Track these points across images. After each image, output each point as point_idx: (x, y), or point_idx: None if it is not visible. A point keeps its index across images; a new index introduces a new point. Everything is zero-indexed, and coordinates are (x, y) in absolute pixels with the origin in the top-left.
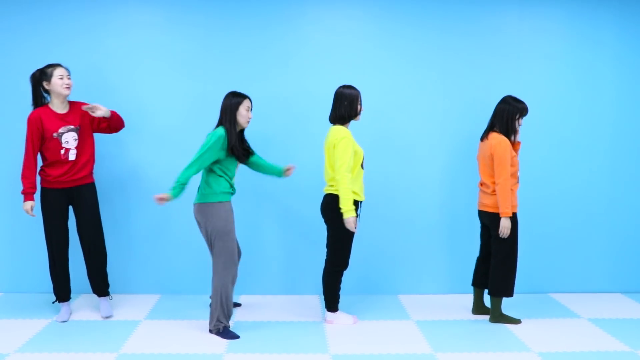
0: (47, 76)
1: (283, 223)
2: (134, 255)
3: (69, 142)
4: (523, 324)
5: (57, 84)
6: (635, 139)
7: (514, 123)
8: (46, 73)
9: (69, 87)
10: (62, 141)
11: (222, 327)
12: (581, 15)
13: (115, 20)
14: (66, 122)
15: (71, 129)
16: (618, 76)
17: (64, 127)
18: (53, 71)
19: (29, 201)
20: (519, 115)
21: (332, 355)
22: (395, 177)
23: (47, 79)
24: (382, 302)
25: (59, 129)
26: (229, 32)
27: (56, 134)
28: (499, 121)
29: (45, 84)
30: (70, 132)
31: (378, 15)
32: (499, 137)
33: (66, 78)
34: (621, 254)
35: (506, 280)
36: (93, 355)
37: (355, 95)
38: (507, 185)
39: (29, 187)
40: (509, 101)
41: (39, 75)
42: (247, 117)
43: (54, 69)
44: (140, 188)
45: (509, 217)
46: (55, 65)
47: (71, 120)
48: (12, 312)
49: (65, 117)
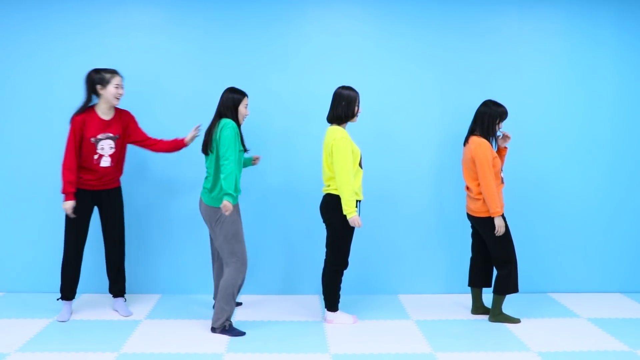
0: (105, 82)
1: (283, 223)
2: (134, 255)
3: (104, 149)
4: (523, 324)
5: (112, 92)
6: (635, 139)
7: (494, 127)
8: (104, 78)
9: (120, 97)
10: (98, 147)
11: (229, 325)
12: (581, 15)
13: (115, 20)
14: (108, 129)
15: (110, 137)
16: (618, 76)
17: (103, 134)
18: (111, 78)
19: (69, 201)
20: (499, 120)
21: (332, 355)
22: (394, 177)
23: (103, 84)
24: (381, 302)
25: (98, 135)
26: (229, 33)
27: (94, 139)
28: (480, 125)
29: (99, 87)
30: (108, 140)
31: (378, 15)
32: (479, 139)
33: (121, 88)
34: (620, 253)
35: (510, 278)
36: (93, 355)
37: (354, 96)
38: (492, 185)
39: (69, 187)
40: (489, 105)
41: (95, 76)
42: (245, 114)
43: (112, 76)
44: (140, 188)
45: (501, 215)
46: (114, 72)
47: (113, 129)
48: (12, 312)
49: (108, 124)
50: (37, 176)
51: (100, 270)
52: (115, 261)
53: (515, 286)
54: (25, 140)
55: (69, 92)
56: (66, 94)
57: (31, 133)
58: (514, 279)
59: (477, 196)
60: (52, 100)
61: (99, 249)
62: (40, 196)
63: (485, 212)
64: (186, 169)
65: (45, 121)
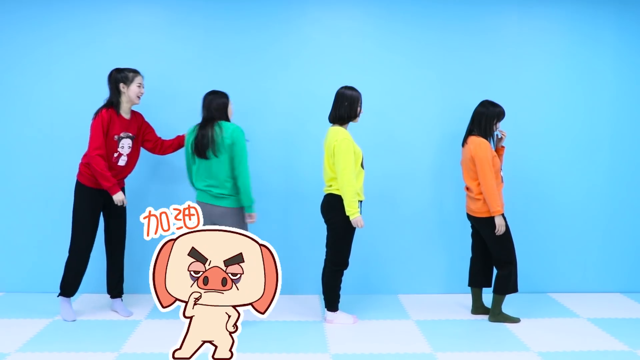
0: (128, 80)
1: (283, 223)
2: (134, 255)
3: (124, 148)
4: (523, 324)
5: (135, 91)
6: (635, 139)
7: (491, 127)
8: (127, 77)
9: (141, 96)
10: (119, 145)
11: None
12: (581, 14)
13: (115, 20)
14: (128, 128)
15: (129, 136)
16: (618, 75)
17: (125, 133)
18: (135, 77)
19: (117, 193)
20: (496, 120)
21: (332, 354)
22: (395, 177)
23: (126, 83)
24: (381, 302)
25: (121, 133)
26: (228, 33)
27: (117, 136)
28: (477, 126)
29: (122, 86)
30: (128, 139)
31: (378, 15)
32: (478, 139)
33: (142, 87)
34: (620, 254)
35: (510, 278)
36: (94, 355)
37: (356, 97)
38: (492, 184)
39: (112, 182)
40: (487, 105)
41: (118, 75)
42: None
43: (135, 75)
44: (140, 188)
45: (501, 214)
46: (136, 71)
47: (132, 128)
48: (12, 312)
49: (129, 123)
50: (37, 176)
51: (100, 270)
52: (117, 262)
53: (515, 286)
54: (25, 140)
55: (69, 92)
56: (67, 93)
57: (31, 133)
58: (514, 279)
59: (478, 196)
60: (53, 100)
61: (99, 249)
62: (41, 196)
63: (486, 212)
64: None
65: (45, 121)
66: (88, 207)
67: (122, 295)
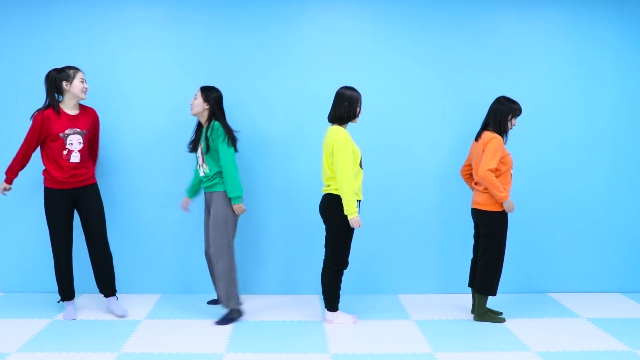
0: (69, 77)
1: (283, 223)
2: (134, 255)
3: (73, 144)
4: (523, 324)
5: (78, 87)
6: (635, 139)
7: (506, 123)
8: (69, 74)
9: (86, 91)
10: (67, 142)
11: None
12: (581, 15)
13: (114, 17)
14: (75, 124)
15: (77, 132)
16: (617, 75)
17: (71, 129)
18: (76, 74)
19: (6, 183)
20: (511, 116)
21: (332, 355)
22: (395, 177)
23: (68, 80)
24: (381, 302)
25: (66, 130)
26: (228, 31)
27: (62, 134)
28: (492, 121)
29: (65, 84)
30: (76, 135)
31: (377, 15)
32: (493, 134)
33: (85, 82)
34: (620, 254)
35: (492, 280)
36: (94, 355)
37: (356, 97)
38: (491, 175)
39: (11, 175)
40: (503, 101)
41: (57, 74)
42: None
43: (76, 71)
44: (140, 187)
45: (507, 199)
46: (76, 68)
47: (80, 124)
48: (12, 312)
49: (75, 119)
50: (36, 176)
51: None
52: (100, 260)
53: (495, 290)
54: None
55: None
56: None
57: None
58: (495, 283)
59: (486, 190)
60: None
61: None
62: (40, 196)
63: (492, 205)
64: (186, 169)
65: None
66: (56, 208)
67: (115, 293)
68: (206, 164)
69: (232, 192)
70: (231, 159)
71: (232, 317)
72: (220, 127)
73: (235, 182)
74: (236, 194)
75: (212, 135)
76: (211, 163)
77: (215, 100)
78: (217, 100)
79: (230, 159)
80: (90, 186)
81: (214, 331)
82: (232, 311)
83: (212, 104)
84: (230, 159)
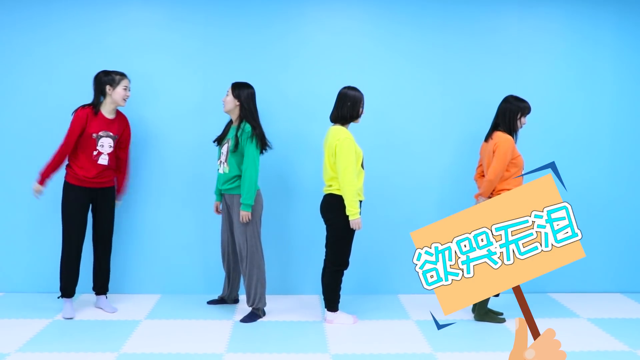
0: (114, 82)
1: (283, 223)
2: (134, 255)
3: (103, 147)
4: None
5: (120, 94)
6: (635, 139)
7: (516, 122)
8: (114, 79)
9: (127, 99)
10: (98, 144)
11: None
12: (581, 14)
13: (115, 17)
14: (109, 128)
15: (110, 136)
16: (618, 75)
17: (104, 132)
18: (121, 80)
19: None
20: (520, 114)
21: (332, 355)
22: (395, 177)
23: (112, 85)
24: (382, 302)
25: (100, 132)
26: (229, 32)
27: (95, 134)
28: (502, 121)
29: (108, 88)
30: (108, 139)
31: (378, 15)
32: (504, 135)
33: (128, 90)
34: (621, 254)
35: None
36: (93, 355)
37: (359, 97)
38: (498, 177)
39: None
40: (511, 100)
41: (104, 77)
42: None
43: (122, 78)
44: (141, 187)
45: None
46: (123, 74)
47: (114, 128)
48: (12, 312)
49: (110, 123)
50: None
51: None
52: (103, 259)
53: None
54: (25, 139)
55: (69, 91)
56: (66, 92)
57: (31, 132)
58: None
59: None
60: (52, 100)
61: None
62: (41, 196)
63: None
64: (187, 169)
65: (45, 120)
66: (75, 204)
67: (106, 292)
68: (227, 164)
69: (246, 198)
70: (254, 165)
71: (258, 315)
72: (251, 130)
73: (252, 191)
74: (248, 202)
75: (242, 136)
76: (233, 164)
77: (246, 97)
78: (248, 97)
79: (253, 165)
80: (109, 189)
81: (214, 331)
82: (258, 310)
83: (243, 101)
84: (253, 166)
